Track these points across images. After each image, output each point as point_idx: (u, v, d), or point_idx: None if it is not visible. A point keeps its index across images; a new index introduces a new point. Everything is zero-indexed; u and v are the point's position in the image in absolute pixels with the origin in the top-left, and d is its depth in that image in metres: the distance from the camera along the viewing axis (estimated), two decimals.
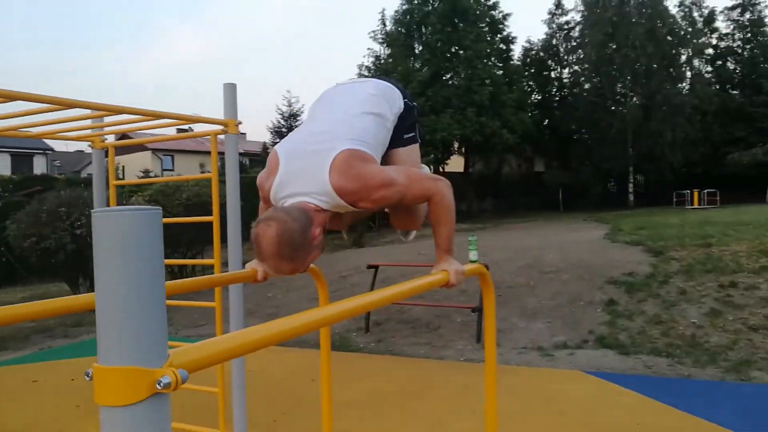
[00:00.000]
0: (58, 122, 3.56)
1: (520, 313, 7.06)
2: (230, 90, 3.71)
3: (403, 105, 2.03)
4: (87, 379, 0.76)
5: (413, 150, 2.08)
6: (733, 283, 6.80)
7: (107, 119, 3.72)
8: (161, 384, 0.71)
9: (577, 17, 29.31)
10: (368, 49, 25.01)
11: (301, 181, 1.69)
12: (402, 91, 2.09)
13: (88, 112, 3.38)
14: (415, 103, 2.14)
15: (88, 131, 3.99)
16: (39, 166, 34.71)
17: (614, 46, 26.27)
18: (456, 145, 25.34)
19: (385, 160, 1.97)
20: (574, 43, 29.65)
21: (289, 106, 32.28)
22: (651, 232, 10.58)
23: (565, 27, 30.33)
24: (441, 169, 25.44)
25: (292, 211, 1.62)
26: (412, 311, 7.49)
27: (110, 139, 4.35)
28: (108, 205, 4.33)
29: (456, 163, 27.42)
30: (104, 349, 0.72)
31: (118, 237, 0.72)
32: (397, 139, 2.01)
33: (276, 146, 1.82)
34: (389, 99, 1.96)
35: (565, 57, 30.29)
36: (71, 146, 42.95)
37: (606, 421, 4.02)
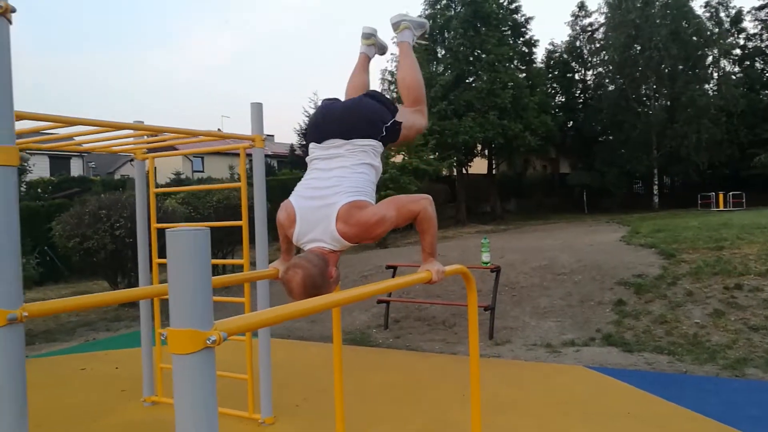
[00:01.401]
0: (107, 140, 4.07)
1: (532, 312, 7.39)
2: (257, 109, 4.15)
3: (390, 123, 2.36)
4: (162, 338, 1.18)
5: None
6: (739, 285, 7.03)
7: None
8: (210, 340, 1.13)
9: (601, 19, 29.34)
10: (391, 54, 25.31)
11: (315, 231, 2.14)
12: (394, 114, 2.38)
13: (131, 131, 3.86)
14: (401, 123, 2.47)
15: (131, 146, 4.49)
16: (75, 167, 35.91)
17: (638, 48, 26.22)
18: (479, 147, 25.58)
19: None
20: (598, 45, 29.62)
21: (315, 107, 32.91)
22: (667, 234, 10.76)
23: (589, 29, 30.34)
24: (464, 171, 25.71)
25: (312, 258, 2.07)
26: (429, 309, 7.88)
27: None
28: (148, 209, 4.84)
29: (479, 165, 27.65)
30: (175, 318, 1.14)
31: (184, 247, 1.14)
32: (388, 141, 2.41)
33: (291, 199, 2.25)
34: (377, 147, 2.30)
35: (589, 59, 30.29)
36: (91, 152, 44.13)
37: (600, 410, 4.37)
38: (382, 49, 2.93)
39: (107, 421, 4.56)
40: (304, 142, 2.48)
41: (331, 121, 2.30)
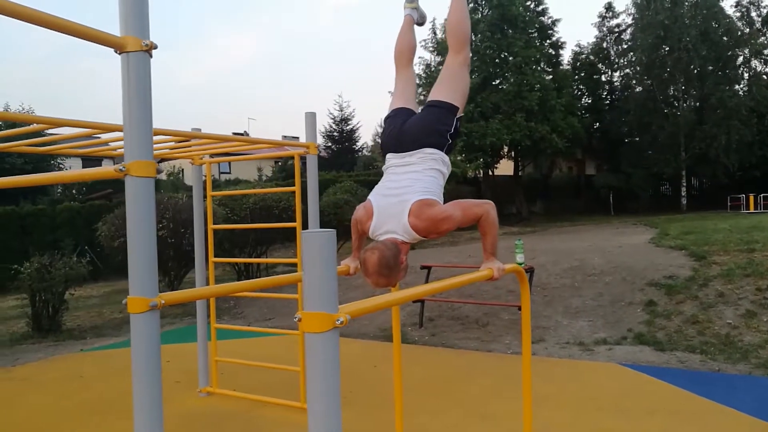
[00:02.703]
0: (169, 148, 4.39)
1: (564, 312, 7.57)
2: (311, 118, 4.44)
3: (453, 126, 2.67)
4: (296, 319, 1.45)
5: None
6: None
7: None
8: (338, 321, 1.40)
9: (628, 20, 29.19)
10: (419, 58, 25.58)
11: (390, 224, 2.46)
12: (454, 113, 2.69)
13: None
14: (461, 116, 2.79)
15: (193, 152, 4.80)
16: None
17: (667, 49, 26.06)
18: (505, 149, 25.69)
19: None
20: (625, 46, 29.49)
21: (341, 111, 33.30)
22: (697, 236, 10.82)
23: (616, 30, 30.21)
24: (490, 173, 25.84)
25: (387, 244, 2.38)
26: (462, 309, 8.10)
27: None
28: (205, 211, 5.15)
29: (506, 167, 27.76)
30: (307, 303, 1.41)
31: (316, 246, 1.40)
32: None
33: (371, 197, 2.59)
34: (444, 157, 2.62)
35: (616, 60, 30.16)
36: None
37: (634, 405, 4.56)
38: (422, 18, 3.17)
39: (167, 409, 4.85)
40: (382, 153, 2.79)
41: (406, 136, 2.62)
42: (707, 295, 7.27)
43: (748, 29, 27.34)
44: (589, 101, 30.06)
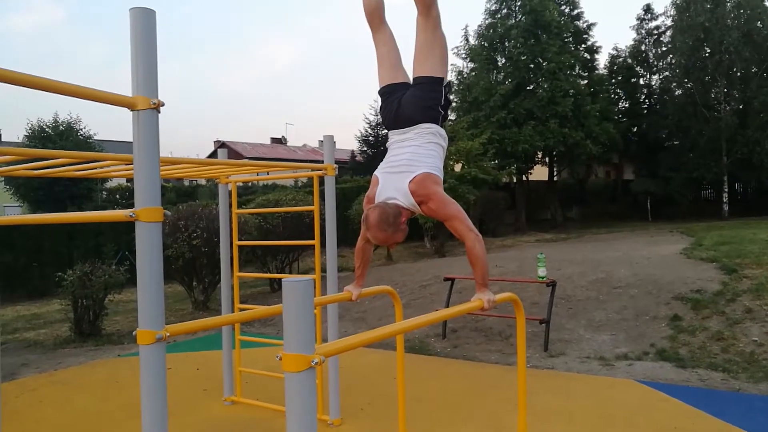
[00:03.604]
0: (199, 170, 4.63)
1: (587, 325, 7.57)
2: (329, 141, 4.63)
3: (443, 95, 2.86)
4: (277, 358, 1.62)
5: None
6: None
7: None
8: (314, 362, 1.56)
9: (668, 22, 28.57)
10: (452, 65, 25.59)
11: (391, 189, 2.72)
12: (440, 83, 2.84)
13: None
14: (448, 82, 2.95)
15: (216, 172, 5.05)
16: None
17: (708, 51, 25.44)
18: (539, 155, 25.50)
19: None
20: (664, 49, 28.87)
21: (377, 115, 33.56)
22: (731, 248, 10.61)
23: (655, 32, 29.59)
24: (524, 178, 25.68)
25: (389, 203, 2.66)
26: (486, 321, 8.17)
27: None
28: (231, 228, 5.39)
29: (540, 172, 27.53)
30: (288, 345, 1.58)
31: (295, 294, 1.57)
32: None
33: (377, 171, 2.87)
34: (440, 130, 2.86)
35: (655, 63, 29.55)
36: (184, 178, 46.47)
37: (647, 423, 4.59)
38: None
39: (193, 417, 5.13)
40: (385, 130, 3.08)
41: (401, 115, 2.85)
42: (734, 311, 7.18)
43: None
44: (626, 105, 29.52)
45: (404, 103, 2.84)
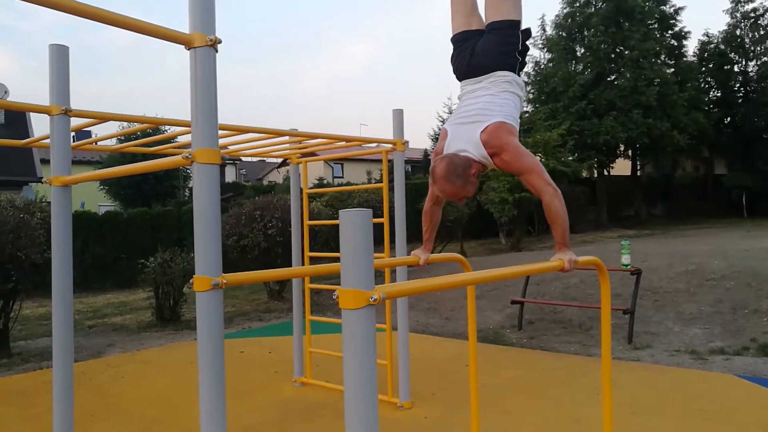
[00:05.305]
0: (268, 146, 4.61)
1: (676, 318, 7.05)
2: (398, 115, 4.49)
3: (520, 41, 2.65)
4: (334, 297, 1.48)
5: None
6: None
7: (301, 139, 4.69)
8: (372, 299, 1.41)
9: (767, 3, 26.57)
10: (529, 55, 24.82)
11: (461, 141, 2.51)
12: (517, 27, 2.64)
13: (286, 138, 4.37)
14: (526, 28, 2.72)
15: (288, 151, 5.03)
16: (229, 174, 39.39)
17: None
18: (621, 147, 24.33)
19: None
20: (763, 32, 26.82)
21: (450, 113, 33.21)
22: None
23: (752, 15, 27.54)
24: (605, 173, 24.57)
25: (458, 154, 2.45)
26: (565, 312, 7.79)
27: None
28: (301, 207, 5.36)
29: (622, 166, 26.26)
30: (345, 281, 1.44)
31: (353, 224, 1.43)
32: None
33: (445, 124, 2.68)
34: (517, 78, 2.65)
35: (752, 48, 27.49)
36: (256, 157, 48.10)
37: (749, 420, 4.14)
38: None
39: (263, 396, 5.13)
40: (457, 78, 2.85)
41: (475, 64, 2.66)
42: None
43: None
44: (718, 95, 27.64)
45: (478, 50, 2.66)
